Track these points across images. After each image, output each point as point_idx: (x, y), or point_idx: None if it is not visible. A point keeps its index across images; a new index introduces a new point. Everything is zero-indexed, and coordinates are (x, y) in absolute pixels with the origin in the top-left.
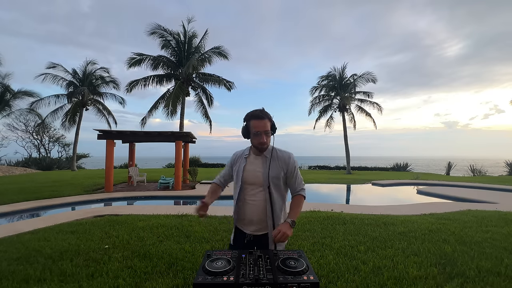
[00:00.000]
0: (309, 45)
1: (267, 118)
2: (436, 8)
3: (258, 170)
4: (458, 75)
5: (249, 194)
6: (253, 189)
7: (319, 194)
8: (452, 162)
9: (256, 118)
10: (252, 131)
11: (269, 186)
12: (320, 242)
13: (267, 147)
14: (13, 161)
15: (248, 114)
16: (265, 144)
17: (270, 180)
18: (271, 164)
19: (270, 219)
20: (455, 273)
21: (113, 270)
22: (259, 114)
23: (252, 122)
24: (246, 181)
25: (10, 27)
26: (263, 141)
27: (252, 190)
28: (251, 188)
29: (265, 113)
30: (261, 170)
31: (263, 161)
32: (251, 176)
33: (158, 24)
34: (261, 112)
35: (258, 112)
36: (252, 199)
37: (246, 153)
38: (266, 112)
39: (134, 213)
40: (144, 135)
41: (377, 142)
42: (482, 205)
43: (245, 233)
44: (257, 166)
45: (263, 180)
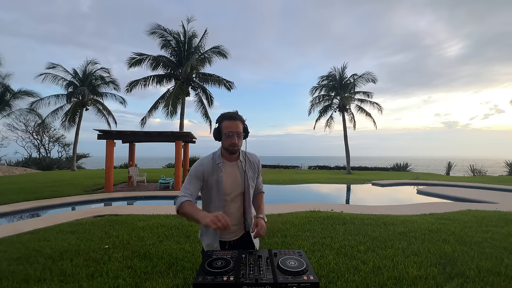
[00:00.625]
0: (309, 45)
1: (239, 120)
2: (436, 8)
3: (236, 178)
4: (458, 75)
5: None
6: (232, 197)
7: (319, 194)
8: (452, 162)
9: (228, 119)
10: (223, 132)
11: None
12: (320, 242)
13: (238, 149)
14: (13, 161)
15: (220, 115)
16: (236, 146)
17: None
18: (246, 168)
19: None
20: (455, 273)
21: (113, 270)
22: (232, 115)
23: (225, 123)
24: (226, 192)
25: (10, 27)
26: (234, 142)
27: (232, 198)
28: (231, 196)
29: (238, 115)
30: (238, 176)
31: (238, 167)
32: (231, 185)
33: (158, 24)
34: (234, 113)
35: (231, 113)
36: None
37: (219, 160)
38: (239, 114)
39: (134, 213)
40: (144, 135)
41: (377, 142)
42: (482, 205)
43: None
44: (234, 173)
45: (241, 186)
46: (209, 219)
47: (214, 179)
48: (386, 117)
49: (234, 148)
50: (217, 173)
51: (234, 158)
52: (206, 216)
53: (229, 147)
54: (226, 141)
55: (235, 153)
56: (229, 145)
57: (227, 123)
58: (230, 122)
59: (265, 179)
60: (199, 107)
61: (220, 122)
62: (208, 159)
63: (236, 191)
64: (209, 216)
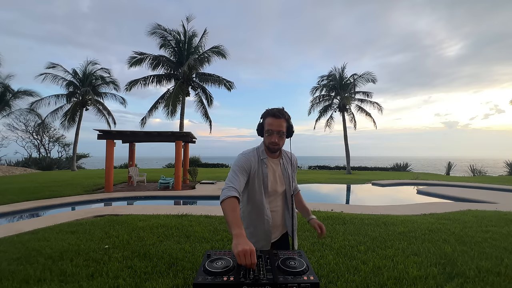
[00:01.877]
0: (308, 45)
1: (284, 118)
2: (435, 8)
3: (278, 175)
4: (457, 75)
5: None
6: (274, 195)
7: (319, 194)
8: (452, 162)
9: (272, 116)
10: (265, 129)
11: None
12: (320, 242)
13: (278, 148)
14: (13, 161)
15: (265, 111)
16: (277, 145)
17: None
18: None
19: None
20: (455, 273)
21: (113, 270)
22: (276, 113)
23: (268, 120)
24: (271, 189)
25: (10, 27)
26: (274, 141)
27: (273, 196)
28: (272, 194)
29: (283, 112)
30: (281, 174)
31: (281, 164)
32: (275, 182)
33: (158, 24)
34: (278, 111)
35: (276, 110)
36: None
37: (263, 156)
38: (285, 112)
39: (134, 213)
40: (144, 135)
41: (377, 142)
42: (482, 205)
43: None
44: (278, 171)
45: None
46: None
47: (259, 174)
48: (386, 117)
49: (274, 147)
50: (262, 168)
51: (277, 155)
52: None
53: (269, 145)
54: (266, 139)
55: (275, 152)
56: (269, 143)
57: (270, 120)
58: (273, 120)
59: None
60: (199, 107)
61: (264, 118)
62: (253, 153)
63: (278, 189)
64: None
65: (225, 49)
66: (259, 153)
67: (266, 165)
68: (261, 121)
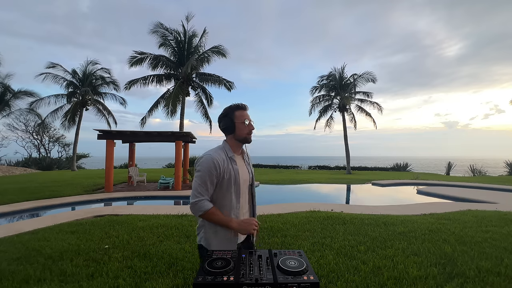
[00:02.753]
0: (308, 45)
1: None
2: (434, 8)
3: (246, 170)
4: (457, 75)
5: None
6: (243, 191)
7: (319, 194)
8: (452, 162)
9: (241, 108)
10: (240, 121)
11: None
12: (320, 242)
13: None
14: (13, 161)
15: (229, 107)
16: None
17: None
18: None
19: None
20: (455, 273)
21: (113, 270)
22: (243, 105)
23: (238, 112)
24: (241, 184)
25: (10, 27)
26: (253, 128)
27: (242, 191)
28: (243, 189)
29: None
30: (246, 169)
31: (245, 160)
32: (244, 177)
33: (160, 23)
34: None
35: (241, 103)
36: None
37: (231, 154)
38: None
39: (134, 213)
40: (144, 135)
41: (377, 142)
42: (482, 205)
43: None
44: (244, 166)
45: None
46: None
47: (230, 173)
48: (386, 117)
49: (251, 136)
50: (232, 166)
51: (240, 151)
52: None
53: (247, 135)
54: (244, 130)
55: (250, 141)
56: (247, 133)
57: (241, 112)
58: (243, 111)
59: (265, 179)
60: (199, 107)
61: (232, 113)
62: (218, 153)
63: (246, 184)
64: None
65: (225, 49)
66: (225, 151)
67: (235, 161)
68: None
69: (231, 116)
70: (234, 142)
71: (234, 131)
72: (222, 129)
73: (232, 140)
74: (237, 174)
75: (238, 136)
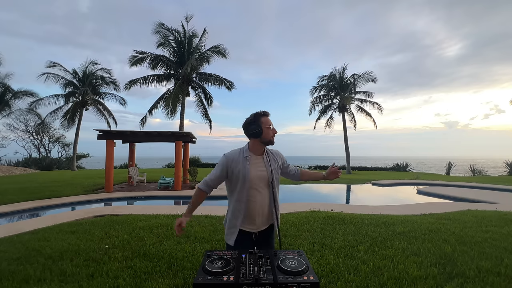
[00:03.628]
0: (308, 45)
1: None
2: (433, 9)
3: (262, 169)
4: (457, 75)
5: (255, 193)
6: (259, 188)
7: (319, 194)
8: (452, 162)
9: (265, 115)
10: (265, 127)
11: (272, 182)
12: (320, 242)
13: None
14: (13, 161)
15: (256, 113)
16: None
17: (273, 176)
18: (270, 160)
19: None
20: (455, 273)
21: (113, 270)
22: (266, 112)
23: (263, 119)
24: (253, 181)
25: (10, 28)
26: (276, 132)
27: (258, 188)
28: (257, 186)
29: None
30: (265, 168)
31: (264, 160)
32: (258, 175)
33: (162, 23)
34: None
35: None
36: (259, 197)
37: (246, 154)
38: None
39: (134, 213)
40: (144, 135)
41: (377, 142)
42: (482, 205)
43: (251, 232)
44: (260, 165)
45: (268, 176)
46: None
47: (241, 170)
48: (386, 117)
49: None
50: (244, 165)
51: (261, 152)
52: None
53: (272, 138)
54: (269, 133)
55: (274, 143)
56: (272, 136)
57: (265, 119)
58: (267, 118)
59: None
60: (199, 107)
61: (259, 120)
62: (236, 152)
63: (263, 182)
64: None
65: (225, 49)
66: (243, 151)
67: (248, 161)
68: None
69: (258, 122)
70: (258, 144)
71: (261, 135)
72: (250, 134)
73: (257, 143)
74: (247, 172)
75: (264, 139)
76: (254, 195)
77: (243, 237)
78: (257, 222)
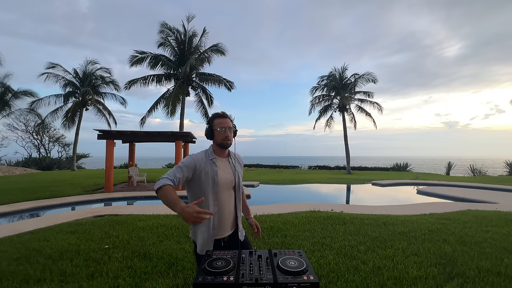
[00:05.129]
0: (307, 45)
1: (228, 118)
2: (432, 9)
3: (229, 172)
4: (457, 75)
5: (224, 197)
6: (225, 192)
7: (319, 194)
8: (452, 162)
9: (219, 117)
10: (216, 129)
11: (235, 187)
12: (320, 242)
13: (230, 143)
14: (13, 161)
15: (211, 115)
16: (229, 140)
17: (239, 179)
18: (235, 163)
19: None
20: (455, 273)
21: (113, 270)
22: (222, 114)
23: (216, 121)
24: (221, 185)
25: (10, 28)
26: (227, 135)
27: (225, 193)
28: (224, 191)
29: (227, 114)
30: (231, 171)
31: (229, 163)
32: (226, 179)
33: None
34: (223, 112)
35: (221, 112)
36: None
37: (212, 156)
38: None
39: (134, 213)
40: (144, 135)
41: (377, 142)
42: (482, 205)
43: (221, 239)
44: (227, 168)
45: (233, 181)
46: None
47: (208, 173)
48: (386, 117)
49: (227, 142)
50: (212, 167)
51: (225, 154)
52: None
53: (222, 141)
54: (219, 136)
55: (227, 147)
56: (222, 139)
57: (219, 120)
58: (221, 119)
59: (266, 179)
60: (199, 107)
61: (212, 121)
62: (201, 155)
63: (229, 185)
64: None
65: (224, 46)
66: (208, 154)
67: (215, 164)
68: (207, 126)
69: (211, 123)
70: (215, 146)
71: (213, 137)
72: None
73: (214, 145)
74: (215, 175)
75: (216, 141)
76: (222, 199)
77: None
78: (225, 228)
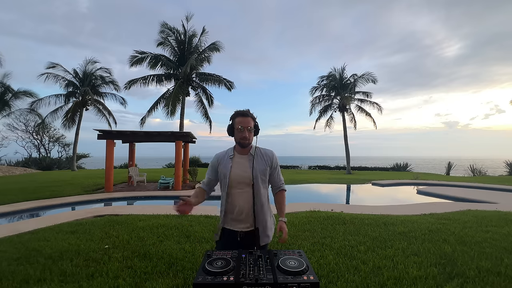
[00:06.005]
0: (307, 45)
1: (250, 117)
2: (432, 9)
3: (244, 169)
4: (457, 75)
5: (237, 192)
6: (240, 188)
7: (319, 194)
8: (452, 162)
9: (240, 115)
10: (236, 127)
11: (253, 184)
12: (320, 242)
13: (249, 143)
14: (13, 161)
15: (234, 112)
16: (247, 139)
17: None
18: (255, 161)
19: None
20: (455, 273)
21: (113, 270)
22: (244, 112)
23: (237, 119)
24: (234, 180)
25: (10, 28)
26: (245, 135)
27: (240, 188)
28: (239, 186)
29: (249, 112)
30: (248, 168)
31: (249, 160)
32: (238, 175)
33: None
34: (245, 111)
35: (243, 110)
36: (240, 197)
37: (231, 153)
38: (251, 112)
39: (134, 213)
40: (144, 135)
41: (377, 142)
42: (482, 205)
43: (236, 231)
44: (243, 165)
45: (250, 177)
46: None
47: (222, 169)
48: (386, 117)
49: (245, 141)
50: (226, 164)
51: (246, 151)
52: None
53: (240, 140)
54: (237, 135)
55: (246, 146)
56: (240, 138)
57: (239, 119)
58: (242, 118)
59: None
60: (199, 107)
61: (234, 119)
62: (223, 152)
63: (242, 182)
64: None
65: (221, 44)
66: (229, 151)
67: (231, 161)
68: (230, 123)
69: (233, 121)
70: (236, 144)
71: (234, 135)
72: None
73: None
74: (227, 171)
75: (235, 139)
76: (234, 195)
77: (228, 235)
78: (238, 223)
